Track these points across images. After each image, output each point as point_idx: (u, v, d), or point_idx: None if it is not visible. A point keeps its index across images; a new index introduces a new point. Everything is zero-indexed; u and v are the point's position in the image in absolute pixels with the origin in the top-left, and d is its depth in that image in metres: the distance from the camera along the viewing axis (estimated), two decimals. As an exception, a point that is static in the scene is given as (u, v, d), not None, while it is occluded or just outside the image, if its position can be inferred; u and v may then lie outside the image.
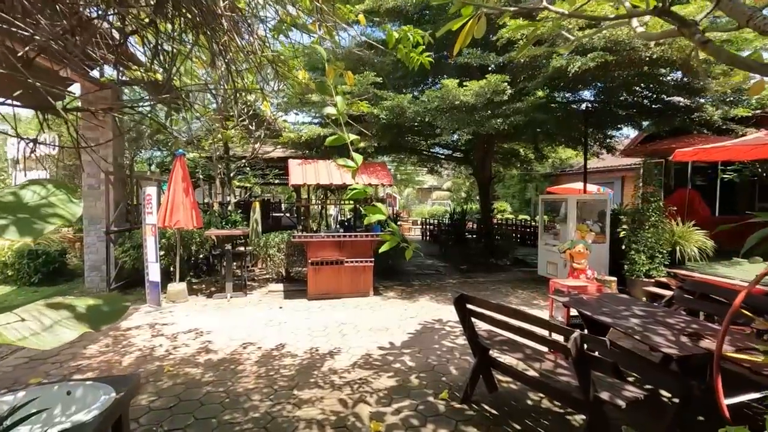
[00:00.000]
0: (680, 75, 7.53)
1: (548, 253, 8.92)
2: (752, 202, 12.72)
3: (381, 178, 7.29)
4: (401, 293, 7.92)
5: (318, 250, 7.27)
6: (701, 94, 7.68)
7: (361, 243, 7.40)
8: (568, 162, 23.72)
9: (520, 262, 11.78)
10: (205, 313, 6.49)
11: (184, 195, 7.12)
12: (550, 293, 4.83)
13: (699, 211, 8.85)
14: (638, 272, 7.34)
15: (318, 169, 7.36)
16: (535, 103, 6.51)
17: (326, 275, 7.35)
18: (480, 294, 7.89)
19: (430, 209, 34.63)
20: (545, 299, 7.43)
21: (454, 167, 18.09)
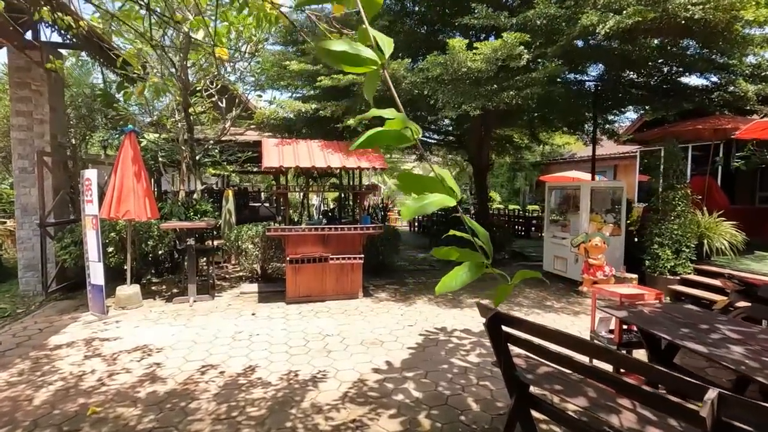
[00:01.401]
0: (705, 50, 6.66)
1: (555, 246, 8.05)
2: (753, 191, 12.16)
3: (372, 160, 6.22)
4: (394, 294, 6.92)
5: (298, 246, 6.18)
6: (731, 68, 6.84)
7: (349, 237, 6.34)
8: (559, 151, 23.08)
9: (517, 255, 10.94)
10: (160, 323, 5.34)
11: (135, 180, 5.91)
12: (592, 300, 3.88)
13: (717, 199, 8.09)
14: (662, 269, 6.52)
15: (297, 150, 6.23)
16: (555, 71, 5.53)
17: (308, 275, 6.28)
18: (483, 293, 6.96)
19: (416, 199, 33.75)
20: (558, 300, 6.55)
21: (444, 155, 17.11)
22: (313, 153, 6.19)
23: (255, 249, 7.25)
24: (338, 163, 6.03)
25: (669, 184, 6.57)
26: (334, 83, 6.13)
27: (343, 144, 6.62)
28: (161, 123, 9.14)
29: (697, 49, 6.76)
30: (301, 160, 5.98)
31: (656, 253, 6.56)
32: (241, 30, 6.34)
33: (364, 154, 6.32)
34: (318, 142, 6.57)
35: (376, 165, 6.10)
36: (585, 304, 6.37)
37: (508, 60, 5.33)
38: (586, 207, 7.29)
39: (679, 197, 6.50)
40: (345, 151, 6.33)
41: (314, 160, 5.99)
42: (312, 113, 9.63)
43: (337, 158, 6.14)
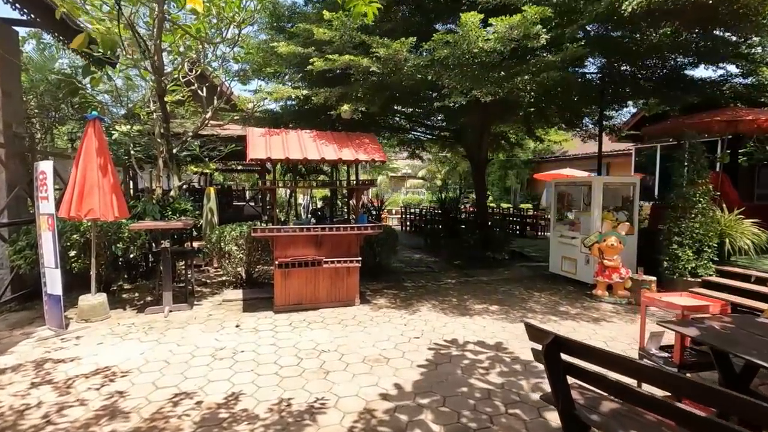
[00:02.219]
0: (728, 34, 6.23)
1: (563, 246, 7.55)
2: (752, 188, 11.95)
3: (371, 152, 5.59)
4: (394, 300, 6.31)
5: (288, 248, 5.52)
6: (752, 57, 6.43)
7: (345, 238, 5.70)
8: (550, 149, 22.81)
9: (517, 255, 10.45)
10: (129, 338, 4.62)
11: (101, 174, 5.16)
12: (641, 312, 3.33)
13: (730, 196, 7.70)
14: (682, 270, 6.06)
15: (287, 141, 5.56)
16: (576, 54, 4.99)
17: (299, 280, 5.62)
18: (491, 298, 6.41)
19: (405, 198, 33.24)
20: (571, 305, 6.04)
21: (438, 151, 16.57)
22: (305, 144, 5.53)
23: (239, 251, 6.55)
24: (333, 155, 5.39)
25: (689, 180, 6.11)
26: (328, 65, 5.48)
27: (339, 135, 5.97)
28: (136, 114, 8.36)
29: (716, 37, 6.31)
30: (292, 151, 5.31)
31: (675, 253, 6.10)
32: (223, 6, 5.66)
33: (361, 146, 5.69)
34: (310, 132, 5.91)
35: (375, 157, 5.48)
36: (602, 309, 5.86)
37: (524, 40, 4.77)
38: (598, 203, 6.80)
39: (701, 193, 6.05)
40: (340, 142, 5.69)
41: (306, 151, 5.34)
42: (301, 104, 8.94)
43: (331, 150, 5.49)
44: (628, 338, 4.71)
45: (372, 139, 5.90)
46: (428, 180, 34.28)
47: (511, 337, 4.71)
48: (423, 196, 33.76)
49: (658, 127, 8.63)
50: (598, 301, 6.22)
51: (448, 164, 29.16)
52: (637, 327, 5.06)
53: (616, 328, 5.04)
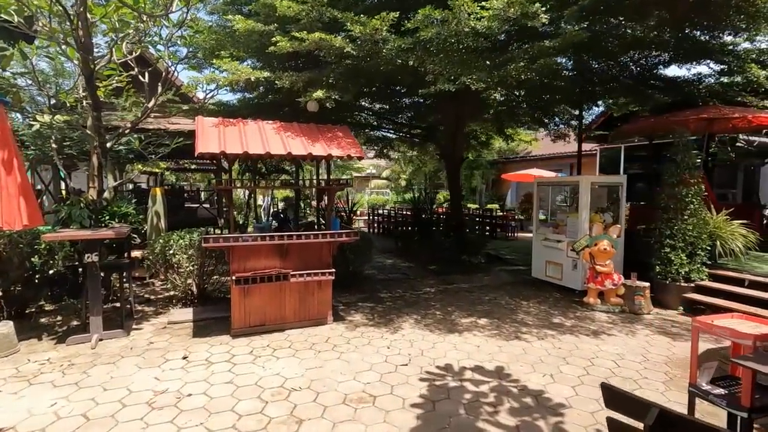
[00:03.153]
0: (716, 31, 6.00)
1: (547, 250, 7.12)
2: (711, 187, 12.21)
3: (345, 147, 4.82)
4: (372, 315, 5.58)
5: (247, 260, 4.65)
6: (739, 54, 6.24)
7: (316, 247, 4.91)
8: (515, 149, 22.89)
9: (494, 259, 10.02)
10: (37, 382, 3.60)
11: (4, 172, 4.07)
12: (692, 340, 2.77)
13: (709, 195, 7.58)
14: (674, 275, 5.74)
15: (246, 133, 4.69)
16: (575, 38, 4.47)
17: (261, 297, 4.77)
18: (477, 309, 5.82)
19: (370, 198, 32.59)
20: (564, 315, 5.56)
21: (406, 150, 15.98)
22: (268, 136, 4.67)
23: (189, 262, 5.58)
24: (302, 149, 4.57)
25: (681, 179, 5.81)
26: (295, 46, 4.66)
27: (307, 127, 5.15)
28: (62, 102, 7.12)
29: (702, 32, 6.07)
30: (251, 145, 4.45)
31: (668, 257, 5.78)
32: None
33: (334, 140, 4.91)
34: (273, 123, 5.05)
35: (351, 152, 4.71)
36: (598, 319, 5.42)
37: (522, 19, 4.18)
38: (586, 204, 6.40)
39: (693, 193, 5.76)
40: (310, 135, 4.88)
41: (269, 145, 4.49)
42: (261, 96, 8.02)
43: (299, 144, 4.67)
44: (637, 356, 4.24)
45: (346, 132, 5.13)
46: (392, 180, 33.82)
47: (511, 360, 4.11)
48: (388, 197, 33.25)
49: (635, 126, 8.44)
50: (591, 310, 5.79)
51: (413, 164, 28.81)
52: (639, 341, 4.63)
53: (620, 343, 4.57)
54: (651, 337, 4.74)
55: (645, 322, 5.30)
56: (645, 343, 4.56)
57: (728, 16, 5.33)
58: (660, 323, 5.26)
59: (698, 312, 5.58)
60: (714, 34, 6.07)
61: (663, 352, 4.34)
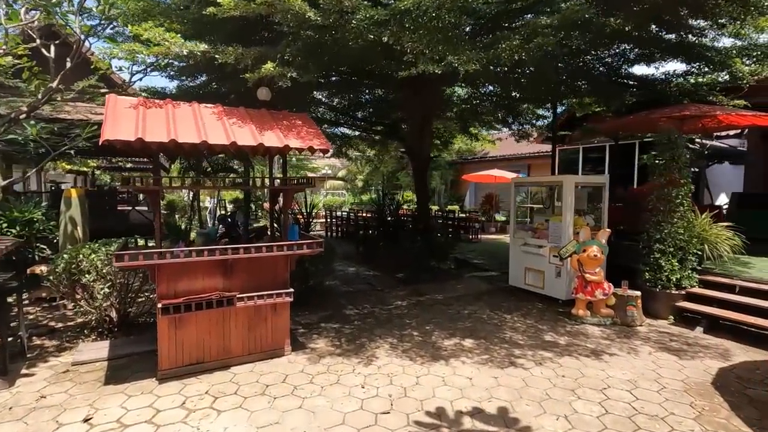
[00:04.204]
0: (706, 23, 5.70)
1: (527, 256, 6.56)
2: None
3: (306, 137, 3.89)
4: (339, 339, 4.68)
5: (180, 280, 3.61)
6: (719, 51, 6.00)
7: (270, 262, 3.95)
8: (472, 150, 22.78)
9: (463, 264, 9.44)
10: None
11: None
12: None
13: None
14: (665, 282, 5.34)
15: (176, 116, 3.63)
16: (575, 15, 3.85)
17: (199, 328, 3.73)
18: (458, 327, 5.10)
19: (325, 200, 31.47)
20: (554, 331, 4.98)
21: (366, 148, 15.15)
22: (205, 123, 3.65)
23: (104, 283, 4.40)
24: (250, 139, 3.59)
25: (670, 179, 5.43)
26: (242, 9, 3.67)
27: (258, 113, 4.16)
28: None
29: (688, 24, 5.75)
30: (182, 132, 3.41)
31: (658, 262, 5.37)
32: None
33: (292, 129, 3.97)
34: (214, 107, 4.01)
35: (314, 144, 3.78)
36: (592, 335, 4.87)
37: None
38: (570, 206, 5.89)
39: (683, 194, 5.40)
40: (261, 122, 3.90)
41: (207, 133, 3.47)
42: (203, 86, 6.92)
43: (247, 132, 3.68)
44: (651, 382, 3.68)
45: (306, 120, 4.20)
46: (349, 181, 32.91)
47: (513, 397, 3.40)
48: (344, 198, 32.29)
49: (608, 124, 8.16)
50: (581, 323, 5.26)
51: (370, 165, 28.05)
52: (645, 361, 4.10)
53: (627, 366, 4.01)
54: (655, 356, 4.23)
55: (641, 336, 4.82)
56: (652, 365, 4.03)
57: (720, 7, 4.99)
58: (657, 337, 4.80)
59: (690, 321, 5.21)
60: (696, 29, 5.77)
61: (676, 375, 3.82)
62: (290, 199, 4.20)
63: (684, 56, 6.24)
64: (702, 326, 4.98)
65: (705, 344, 4.59)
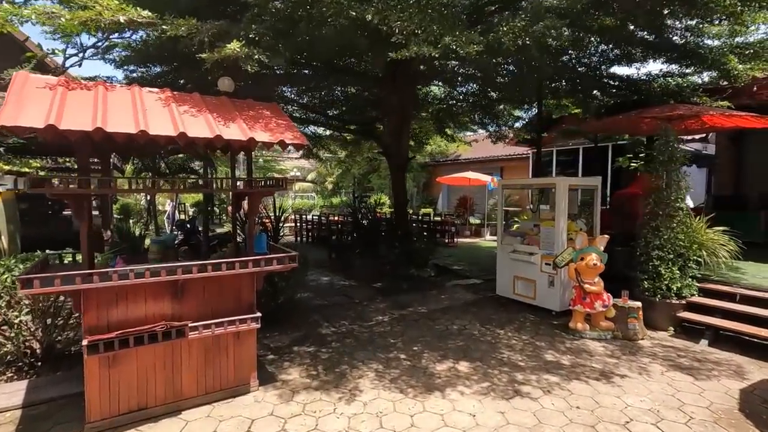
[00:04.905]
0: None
1: (516, 264, 6.11)
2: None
3: (277, 130, 3.22)
4: (315, 367, 4.01)
5: (114, 307, 2.86)
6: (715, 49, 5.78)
7: (231, 281, 3.25)
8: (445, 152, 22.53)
9: (443, 271, 8.94)
10: None
11: None
12: None
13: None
14: (665, 291, 5.01)
15: (107, 101, 2.87)
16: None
17: (141, 366, 2.99)
18: (449, 347, 4.55)
19: (294, 203, 30.46)
20: (554, 348, 4.53)
21: (337, 149, 14.46)
22: (147, 109, 2.91)
23: (18, 311, 3.54)
24: (205, 130, 2.88)
25: (668, 182, 5.11)
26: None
27: (218, 101, 3.45)
28: None
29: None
30: (114, 119, 2.66)
31: (657, 270, 5.04)
32: None
33: (259, 120, 3.28)
34: (160, 92, 3.27)
35: (286, 138, 3.11)
36: (594, 352, 4.44)
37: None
38: (563, 211, 5.48)
39: (682, 198, 5.10)
40: (221, 111, 3.20)
41: (147, 121, 2.74)
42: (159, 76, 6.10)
43: (202, 123, 2.98)
44: (675, 411, 3.24)
45: (276, 111, 3.52)
46: (318, 183, 32.04)
47: (528, 438, 2.87)
48: (313, 201, 31.39)
49: (595, 124, 7.90)
50: (580, 338, 4.83)
51: (341, 167, 27.31)
52: (662, 384, 3.69)
53: (643, 390, 3.58)
54: (669, 377, 3.83)
55: (647, 352, 4.44)
56: (669, 388, 3.62)
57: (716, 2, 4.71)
58: (663, 352, 4.43)
59: (691, 333, 4.90)
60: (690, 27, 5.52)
61: (698, 400, 3.41)
62: (257, 203, 3.51)
63: (675, 54, 6.00)
64: (707, 339, 4.67)
65: (715, 360, 4.25)
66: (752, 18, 4.92)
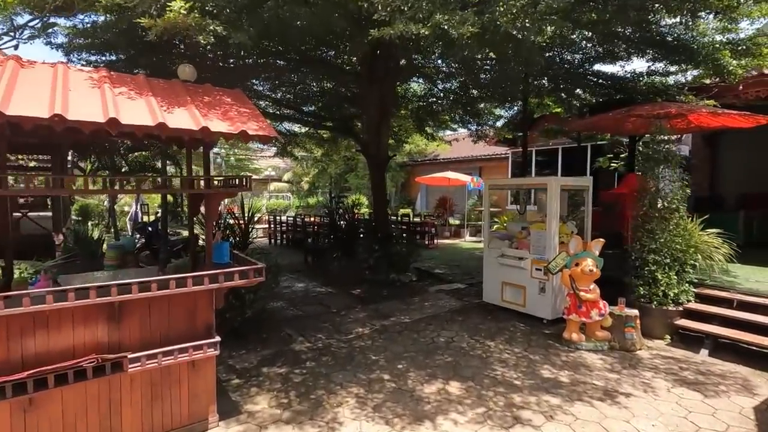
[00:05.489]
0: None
1: (504, 269, 5.76)
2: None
3: (237, 120, 2.69)
4: (286, 394, 3.50)
5: (29, 338, 2.28)
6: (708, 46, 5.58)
7: (183, 301, 2.70)
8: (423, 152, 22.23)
9: (425, 275, 8.53)
10: None
11: None
12: None
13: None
14: (662, 297, 4.74)
15: (17, 78, 2.29)
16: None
17: (67, 409, 2.41)
18: (437, 363, 4.13)
19: (269, 203, 29.56)
20: (551, 363, 4.19)
21: (313, 147, 13.87)
22: (70, 90, 2.34)
23: None
24: (144, 117, 2.34)
25: (664, 183, 4.86)
26: None
27: (167, 84, 2.89)
28: None
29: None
30: (20, 101, 2.09)
31: (654, 275, 4.77)
32: None
33: (216, 106, 2.75)
34: (93, 70, 2.69)
35: (250, 129, 2.59)
36: (593, 366, 4.10)
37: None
38: (555, 213, 5.15)
39: (680, 198, 4.85)
40: (168, 95, 2.65)
41: (66, 105, 2.17)
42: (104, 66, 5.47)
43: (142, 108, 2.43)
44: (692, 437, 2.92)
45: (239, 98, 3.00)
46: (294, 183, 31.25)
47: (536, 480, 2.46)
48: (289, 201, 30.57)
49: (580, 123, 7.66)
50: (576, 349, 4.50)
51: (317, 166, 26.63)
52: (671, 404, 3.37)
53: (652, 412, 3.24)
54: (677, 394, 3.52)
55: (648, 364, 4.14)
56: (680, 408, 3.30)
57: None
58: (664, 365, 4.14)
59: (688, 341, 4.65)
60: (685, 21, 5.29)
61: (713, 423, 3.10)
62: (215, 206, 2.98)
63: (665, 50, 5.79)
64: (707, 348, 4.41)
65: (719, 372, 3.98)
66: (749, 12, 4.72)
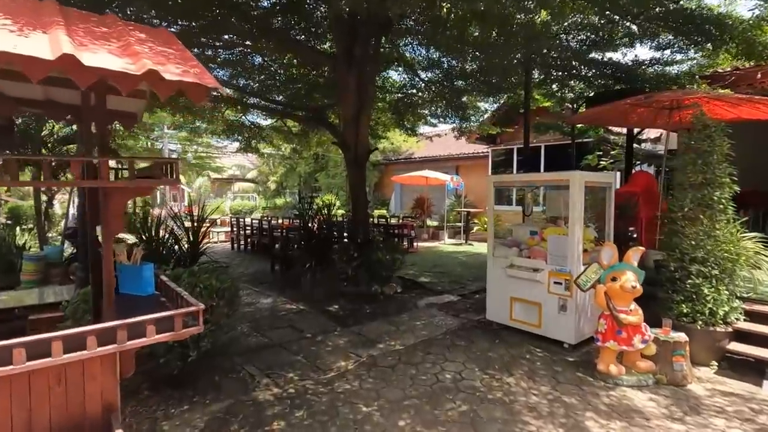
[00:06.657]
0: None
1: (513, 282, 4.82)
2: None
3: (146, 58, 1.59)
4: (243, 486, 2.39)
5: None
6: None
7: (57, 373, 1.55)
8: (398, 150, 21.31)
9: (409, 284, 7.55)
10: None
11: None
12: None
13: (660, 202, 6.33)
14: (709, 317, 3.93)
15: None
16: None
17: None
18: (449, 415, 3.12)
19: (233, 204, 27.81)
20: (597, 411, 3.27)
21: (280, 142, 12.60)
22: None
23: None
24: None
25: (707, 179, 4.05)
26: None
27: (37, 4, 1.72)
28: None
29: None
30: None
31: (700, 290, 3.95)
32: None
33: (117, 38, 1.61)
34: None
35: (167, 72, 1.45)
36: (649, 411, 3.20)
37: None
38: (579, 216, 4.25)
39: (727, 199, 4.06)
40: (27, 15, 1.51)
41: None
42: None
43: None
44: None
45: (162, 36, 1.85)
46: (260, 183, 29.59)
47: None
48: (255, 202, 28.90)
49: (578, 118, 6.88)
50: (614, 385, 3.61)
51: (285, 165, 25.19)
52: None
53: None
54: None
55: (711, 407, 3.29)
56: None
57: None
58: (730, 405, 3.31)
59: (738, 368, 3.88)
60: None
61: None
62: (120, 206, 1.82)
63: (693, 27, 5.06)
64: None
65: (799, 414, 3.19)
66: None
